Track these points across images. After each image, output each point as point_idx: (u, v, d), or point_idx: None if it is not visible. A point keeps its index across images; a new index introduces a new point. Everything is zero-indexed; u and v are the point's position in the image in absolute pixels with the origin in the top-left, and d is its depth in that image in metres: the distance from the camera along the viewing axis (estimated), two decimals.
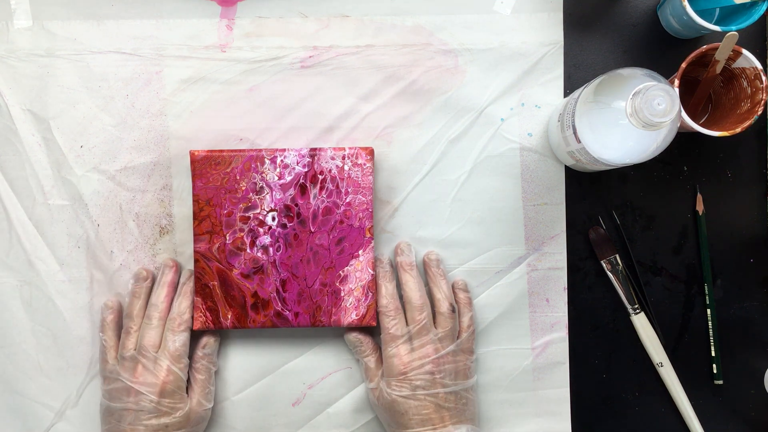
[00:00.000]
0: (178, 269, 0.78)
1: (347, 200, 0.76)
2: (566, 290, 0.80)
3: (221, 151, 0.76)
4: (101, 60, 0.79)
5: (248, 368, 0.79)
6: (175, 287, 0.77)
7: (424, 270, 0.79)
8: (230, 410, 0.79)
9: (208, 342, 0.77)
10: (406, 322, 0.75)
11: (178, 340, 0.74)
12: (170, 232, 0.79)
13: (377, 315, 0.76)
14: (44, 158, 0.78)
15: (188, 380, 0.76)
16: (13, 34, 0.79)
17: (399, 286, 0.77)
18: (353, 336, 0.77)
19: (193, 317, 0.75)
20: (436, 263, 0.78)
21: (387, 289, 0.76)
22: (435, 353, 0.73)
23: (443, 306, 0.76)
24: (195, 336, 0.78)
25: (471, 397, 0.75)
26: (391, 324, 0.74)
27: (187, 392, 0.75)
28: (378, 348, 0.77)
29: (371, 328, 0.78)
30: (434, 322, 0.76)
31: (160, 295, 0.76)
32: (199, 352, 0.76)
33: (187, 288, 0.76)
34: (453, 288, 0.79)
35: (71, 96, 0.78)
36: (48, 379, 0.79)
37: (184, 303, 0.75)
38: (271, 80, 0.79)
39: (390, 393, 0.73)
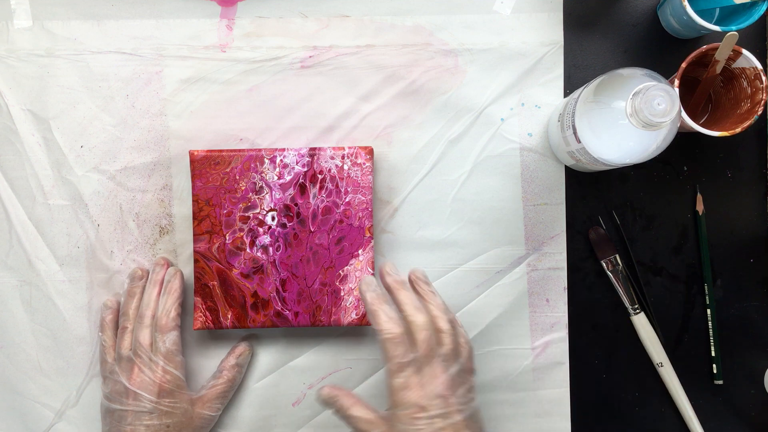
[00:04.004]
0: (170, 267, 0.78)
1: (347, 200, 0.76)
2: (566, 290, 0.80)
3: (220, 151, 0.76)
4: (101, 60, 0.79)
5: (248, 368, 0.79)
6: None
7: (413, 289, 0.71)
8: (230, 410, 0.79)
9: (243, 352, 0.77)
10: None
11: (168, 340, 0.73)
12: (170, 232, 0.79)
13: (380, 343, 0.67)
14: (44, 158, 0.78)
15: (209, 380, 0.76)
16: (13, 34, 0.79)
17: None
18: (326, 393, 0.69)
19: (187, 315, 0.76)
20: (425, 280, 0.71)
21: (386, 312, 0.67)
22: (444, 373, 0.65)
23: (443, 322, 0.67)
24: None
25: (481, 417, 0.68)
26: (399, 351, 0.65)
27: (199, 392, 0.75)
28: (354, 395, 0.70)
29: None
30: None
31: (152, 293, 0.76)
32: (231, 360, 0.77)
33: (172, 285, 0.76)
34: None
35: (71, 96, 0.78)
36: (48, 379, 0.79)
37: (169, 301, 0.75)
38: (271, 80, 0.79)
39: (405, 430, 0.64)
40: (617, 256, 0.79)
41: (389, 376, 0.66)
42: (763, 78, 0.71)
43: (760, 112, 0.71)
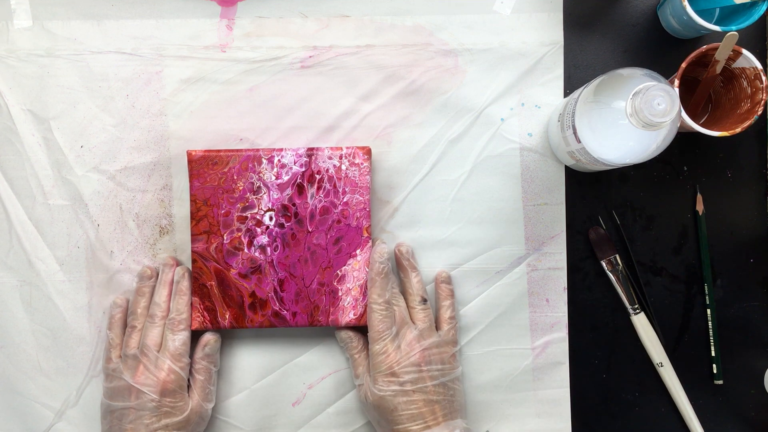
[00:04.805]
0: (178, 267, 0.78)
1: (344, 200, 0.76)
2: (566, 290, 0.80)
3: (218, 150, 0.76)
4: (101, 60, 0.79)
5: (249, 368, 0.79)
6: None
7: (396, 262, 0.79)
8: (231, 410, 0.79)
9: (209, 341, 0.76)
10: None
11: (178, 339, 0.74)
12: (170, 232, 0.79)
13: (368, 312, 0.75)
14: (44, 158, 0.78)
15: (189, 379, 0.76)
16: (13, 34, 0.79)
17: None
18: (344, 333, 0.77)
19: (191, 316, 0.76)
20: (407, 257, 0.78)
21: (382, 287, 0.75)
22: (419, 346, 0.74)
23: (415, 300, 0.76)
24: (195, 335, 0.78)
25: (458, 388, 0.75)
26: (383, 324, 0.74)
27: (187, 392, 0.75)
28: (366, 345, 0.77)
29: (361, 327, 0.78)
30: (410, 316, 0.76)
31: (162, 294, 0.76)
32: (200, 352, 0.76)
33: (182, 286, 0.76)
34: (436, 280, 0.79)
35: (71, 96, 0.79)
36: (48, 379, 0.79)
37: (180, 302, 0.75)
38: (271, 80, 0.79)
39: (378, 390, 0.73)
40: (617, 256, 0.79)
41: (371, 342, 0.74)
42: (763, 78, 0.71)
43: (760, 112, 0.71)
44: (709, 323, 0.80)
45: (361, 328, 0.78)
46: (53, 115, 0.78)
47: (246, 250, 0.76)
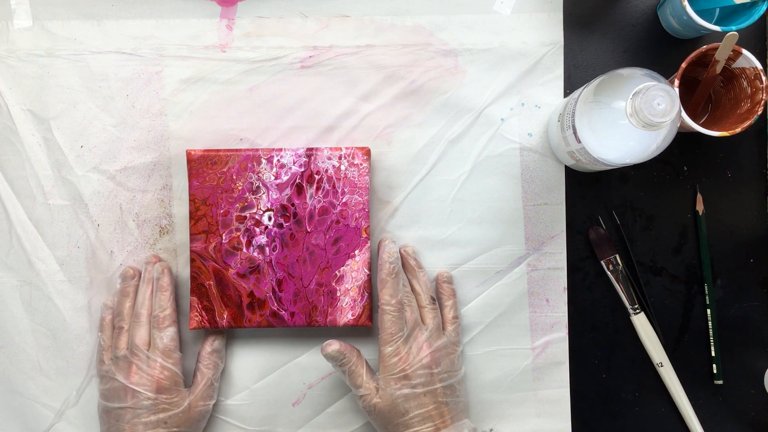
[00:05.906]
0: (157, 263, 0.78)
1: (343, 200, 0.76)
2: (566, 290, 0.80)
3: (218, 150, 0.76)
4: (101, 60, 0.79)
5: (249, 368, 0.79)
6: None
7: (402, 263, 0.78)
8: (231, 410, 0.79)
9: (216, 339, 0.77)
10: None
11: (166, 336, 0.74)
12: (170, 232, 0.79)
13: (377, 313, 0.75)
14: (44, 158, 0.78)
15: (194, 375, 0.76)
16: (13, 34, 0.79)
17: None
18: (331, 350, 0.73)
19: (183, 315, 0.76)
20: (414, 257, 0.78)
21: (394, 287, 0.74)
22: (429, 348, 0.73)
23: (425, 299, 0.76)
24: (198, 334, 0.78)
25: (462, 388, 0.75)
26: (395, 326, 0.73)
27: (190, 388, 0.75)
28: (360, 352, 0.76)
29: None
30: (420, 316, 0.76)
31: (146, 292, 0.76)
32: (208, 348, 0.76)
33: (162, 282, 0.76)
34: (437, 280, 0.79)
35: (71, 96, 0.79)
36: (48, 379, 0.79)
37: (162, 298, 0.75)
38: (271, 80, 0.79)
39: (391, 394, 0.72)
40: (617, 256, 0.79)
41: (382, 344, 0.73)
42: (763, 78, 0.71)
43: (760, 112, 0.71)
44: (709, 323, 0.80)
45: (351, 337, 0.78)
46: (53, 115, 0.78)
47: (245, 250, 0.76)
